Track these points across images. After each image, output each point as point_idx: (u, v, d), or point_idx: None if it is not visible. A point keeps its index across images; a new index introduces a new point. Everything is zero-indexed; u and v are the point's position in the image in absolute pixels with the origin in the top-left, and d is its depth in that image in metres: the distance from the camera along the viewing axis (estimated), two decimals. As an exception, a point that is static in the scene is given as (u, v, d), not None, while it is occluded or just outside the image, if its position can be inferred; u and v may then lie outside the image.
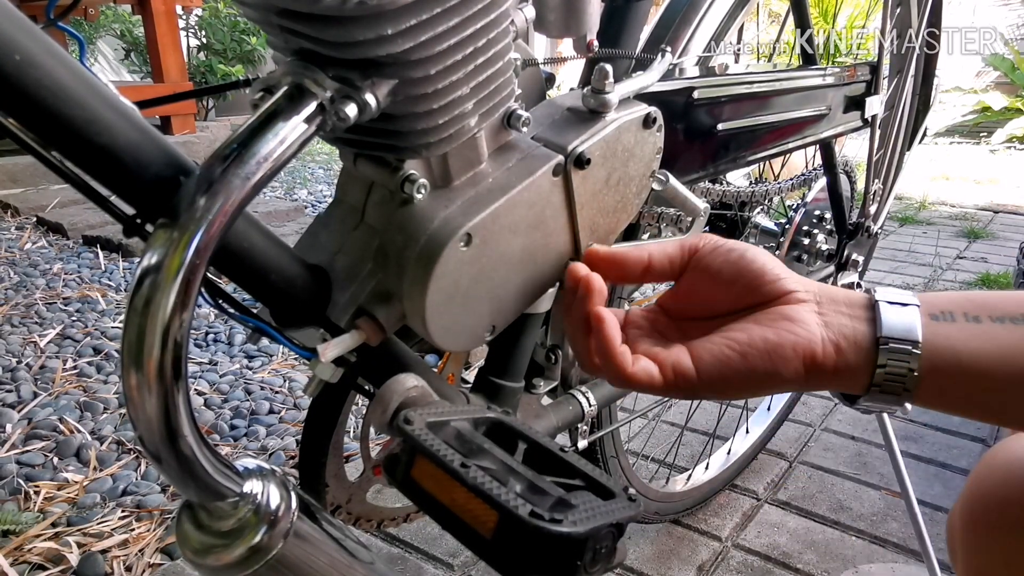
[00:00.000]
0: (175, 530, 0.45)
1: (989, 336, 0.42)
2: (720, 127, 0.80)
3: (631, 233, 0.77)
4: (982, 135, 5.94)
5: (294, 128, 0.42)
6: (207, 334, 1.98)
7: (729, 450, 1.38)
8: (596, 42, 0.62)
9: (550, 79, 0.67)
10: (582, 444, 0.82)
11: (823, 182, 1.16)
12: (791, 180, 1.13)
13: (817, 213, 1.19)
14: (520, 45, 0.56)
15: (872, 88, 1.04)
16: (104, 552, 1.15)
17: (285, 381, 1.75)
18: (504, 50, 0.50)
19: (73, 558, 1.12)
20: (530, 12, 0.56)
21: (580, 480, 0.45)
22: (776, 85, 0.87)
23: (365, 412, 0.54)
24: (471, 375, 0.74)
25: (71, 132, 0.38)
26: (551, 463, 0.48)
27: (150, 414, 0.38)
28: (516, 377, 0.70)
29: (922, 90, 1.25)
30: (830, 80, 0.96)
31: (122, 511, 1.25)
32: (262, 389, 1.71)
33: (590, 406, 0.79)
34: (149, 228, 0.40)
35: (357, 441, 1.29)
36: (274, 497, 0.45)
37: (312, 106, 0.42)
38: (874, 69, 1.04)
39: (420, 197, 0.51)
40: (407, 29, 0.42)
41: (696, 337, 0.47)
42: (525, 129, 0.55)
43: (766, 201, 1.09)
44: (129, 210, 0.43)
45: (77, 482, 1.32)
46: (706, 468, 1.34)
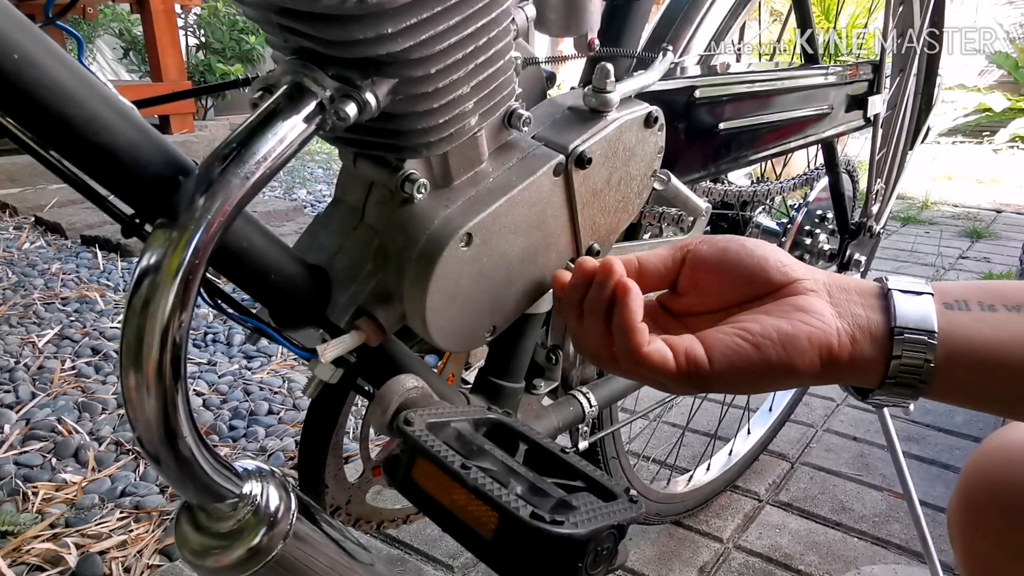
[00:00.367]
0: (174, 531, 0.45)
1: (1005, 325, 0.40)
2: (722, 126, 0.80)
3: (632, 233, 0.77)
4: (985, 134, 5.93)
5: (294, 127, 0.41)
6: (206, 334, 1.98)
7: (730, 451, 1.37)
8: (597, 41, 0.61)
9: (551, 78, 0.67)
10: (583, 445, 0.82)
11: (825, 181, 1.15)
12: (793, 179, 1.13)
13: (819, 213, 1.19)
14: (521, 44, 0.55)
15: (874, 87, 1.04)
16: (103, 553, 1.15)
17: (284, 382, 1.75)
18: (505, 49, 0.50)
19: (71, 559, 1.12)
20: (531, 11, 0.55)
21: (581, 481, 0.45)
22: (778, 84, 0.87)
23: (365, 413, 0.54)
24: (471, 376, 0.74)
25: (69, 131, 0.38)
26: (552, 464, 0.48)
27: (149, 415, 0.37)
28: (516, 378, 0.70)
29: (924, 89, 1.25)
30: (832, 79, 0.96)
31: (121, 512, 1.24)
32: (261, 390, 1.71)
33: (591, 407, 0.79)
34: (148, 228, 0.40)
35: (357, 442, 1.29)
36: (273, 498, 0.45)
37: (312, 105, 0.42)
38: (876, 68, 1.04)
39: (420, 197, 0.51)
40: (407, 28, 0.42)
41: (703, 330, 0.45)
42: (526, 128, 0.55)
43: (768, 201, 1.09)
44: (128, 210, 0.42)
45: (75, 483, 1.32)
46: (707, 469, 1.33)
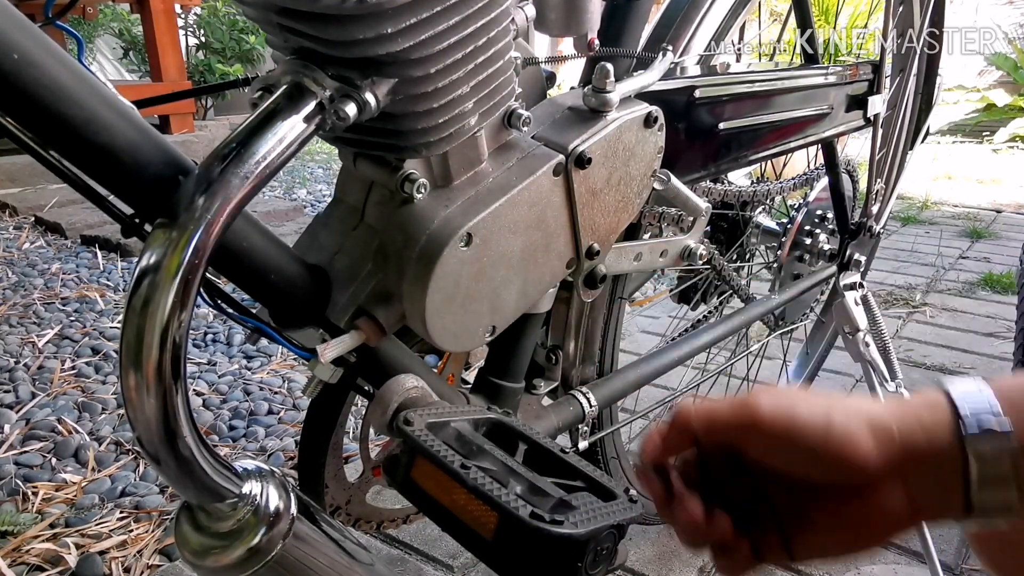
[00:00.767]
0: (174, 531, 0.45)
1: None
2: (722, 126, 0.80)
3: (632, 233, 0.77)
4: (985, 134, 5.93)
5: (293, 127, 0.41)
6: (206, 334, 1.98)
7: (730, 450, 1.37)
8: (597, 41, 0.61)
9: (551, 78, 0.67)
10: (583, 445, 0.82)
11: (825, 181, 1.15)
12: (793, 179, 1.13)
13: (819, 213, 1.19)
14: (521, 44, 0.55)
15: (874, 87, 1.04)
16: (102, 553, 1.15)
17: (284, 382, 1.75)
18: (504, 49, 0.50)
19: (71, 559, 1.12)
20: (531, 11, 0.55)
21: (581, 481, 0.45)
22: (778, 84, 0.87)
23: (365, 413, 0.54)
24: (471, 375, 0.74)
25: (69, 131, 0.38)
26: (552, 464, 0.48)
27: (149, 415, 0.37)
28: (516, 378, 0.70)
29: (924, 89, 1.25)
30: (832, 79, 0.96)
31: (120, 512, 1.24)
32: (261, 390, 1.70)
33: (591, 407, 0.79)
34: (148, 228, 0.40)
35: (356, 442, 1.29)
36: (273, 498, 0.45)
37: (311, 105, 0.42)
38: (876, 68, 1.04)
39: (420, 197, 0.51)
40: (407, 28, 0.42)
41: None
42: (525, 128, 0.55)
43: (768, 201, 1.09)
44: (128, 210, 0.42)
45: (75, 483, 1.32)
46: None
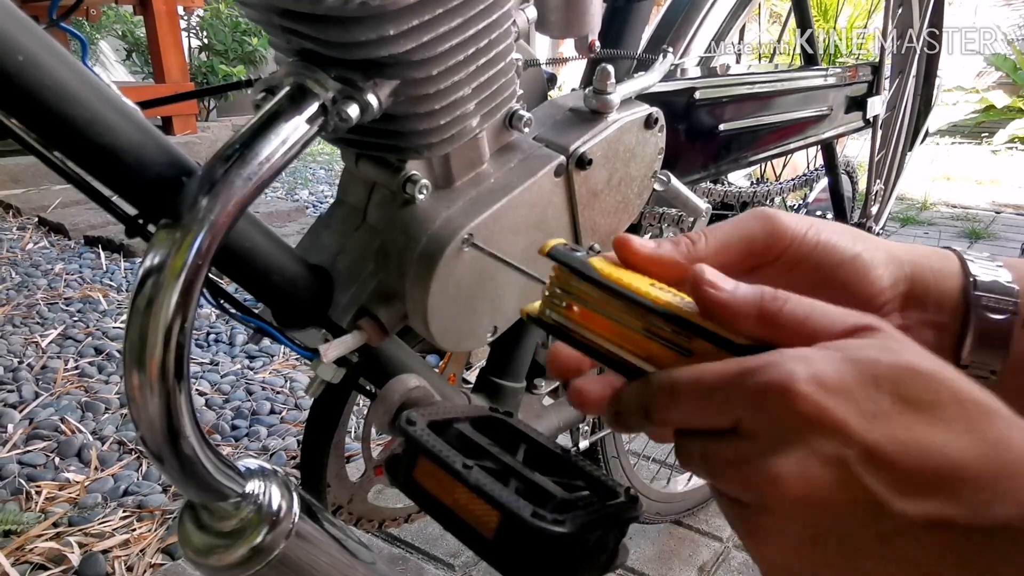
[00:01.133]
0: (177, 530, 0.46)
1: None
2: (722, 127, 0.80)
3: (632, 233, 0.77)
4: (984, 135, 5.93)
5: (296, 129, 0.42)
6: (208, 334, 1.98)
7: (730, 451, 1.37)
8: (598, 42, 0.62)
9: (552, 80, 0.67)
10: (583, 444, 0.82)
11: (824, 183, 1.16)
12: (792, 180, 1.13)
13: (819, 214, 1.19)
14: (522, 46, 0.56)
15: (874, 88, 1.04)
16: (105, 552, 1.15)
17: (286, 381, 1.75)
18: (506, 51, 0.50)
19: (74, 558, 1.12)
20: (532, 13, 0.56)
21: (582, 481, 0.45)
22: (778, 85, 0.87)
23: (367, 412, 0.54)
24: (472, 375, 0.74)
25: (73, 132, 0.38)
26: (553, 464, 0.48)
27: (152, 414, 0.38)
28: (517, 378, 0.70)
29: (923, 90, 1.25)
30: (832, 80, 0.96)
31: (123, 511, 1.25)
32: (263, 389, 1.71)
33: (591, 406, 0.79)
34: (151, 228, 0.41)
35: (358, 441, 1.29)
36: (276, 497, 0.45)
37: (314, 107, 0.42)
38: (876, 69, 1.04)
39: (422, 197, 0.51)
40: (409, 30, 0.42)
41: None
42: (527, 130, 0.55)
43: (768, 202, 1.09)
44: (131, 210, 0.43)
45: (78, 482, 1.32)
46: (707, 469, 1.33)
